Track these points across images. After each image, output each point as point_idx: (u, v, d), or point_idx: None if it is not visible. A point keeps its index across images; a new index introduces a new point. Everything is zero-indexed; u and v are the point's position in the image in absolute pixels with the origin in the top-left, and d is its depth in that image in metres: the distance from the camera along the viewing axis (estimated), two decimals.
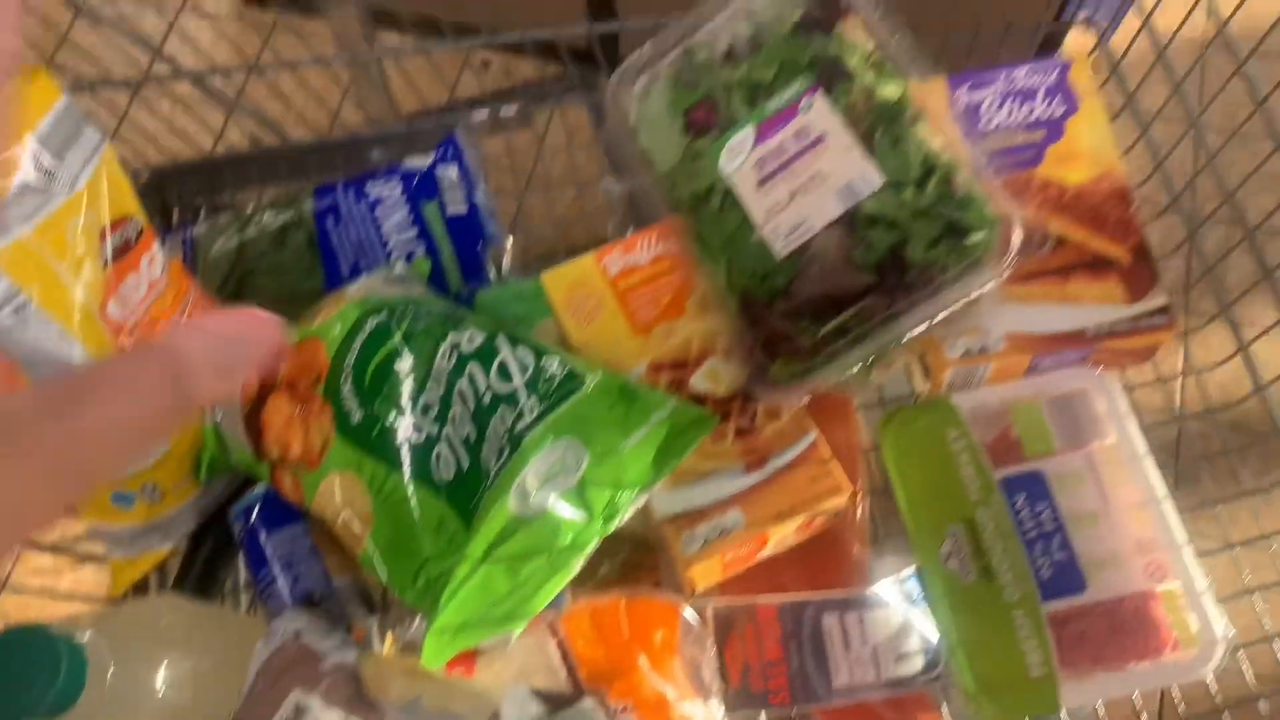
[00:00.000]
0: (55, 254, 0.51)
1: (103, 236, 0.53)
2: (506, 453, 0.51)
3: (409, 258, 0.67)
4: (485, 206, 0.69)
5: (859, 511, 0.61)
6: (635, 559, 0.61)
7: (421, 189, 0.69)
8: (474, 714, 0.47)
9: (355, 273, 0.67)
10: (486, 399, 0.53)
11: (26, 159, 0.50)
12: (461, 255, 0.68)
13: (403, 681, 0.48)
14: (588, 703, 0.49)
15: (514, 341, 0.55)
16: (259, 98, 0.80)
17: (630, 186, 0.67)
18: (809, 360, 0.55)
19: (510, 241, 0.70)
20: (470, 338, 0.55)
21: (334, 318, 0.57)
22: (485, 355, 0.54)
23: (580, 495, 0.51)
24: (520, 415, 0.52)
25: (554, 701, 0.49)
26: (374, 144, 0.77)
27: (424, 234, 0.68)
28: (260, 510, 0.60)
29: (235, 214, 0.71)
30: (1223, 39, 0.60)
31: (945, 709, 0.58)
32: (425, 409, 0.54)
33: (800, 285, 0.56)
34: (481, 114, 0.76)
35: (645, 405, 0.54)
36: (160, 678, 0.49)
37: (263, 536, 0.59)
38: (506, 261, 0.70)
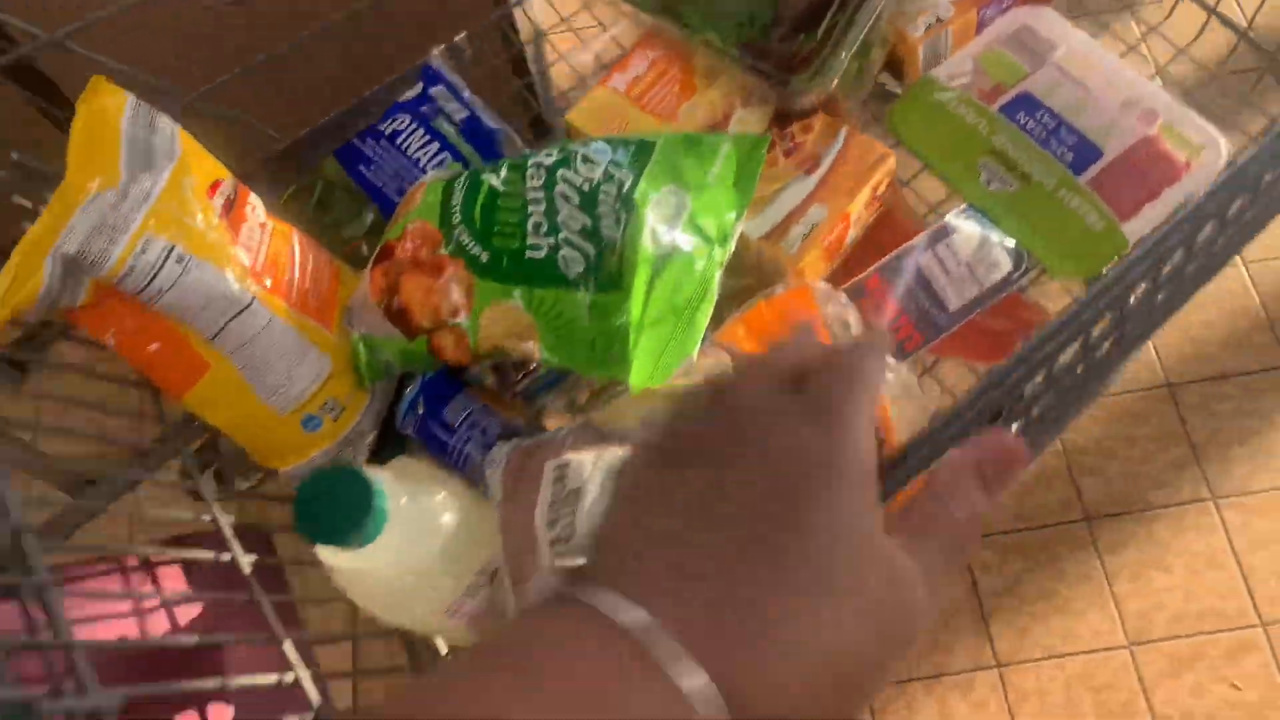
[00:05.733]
0: (184, 212, 0.57)
1: (209, 194, 0.59)
2: (624, 215, 0.59)
3: (442, 167, 0.74)
4: (480, 108, 0.77)
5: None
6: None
7: (426, 111, 0.76)
8: None
9: (402, 194, 0.73)
10: (586, 187, 0.61)
11: (126, 145, 0.57)
12: (482, 153, 0.76)
13: (635, 407, 0.55)
14: None
15: (582, 142, 0.63)
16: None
17: None
18: (819, 59, 0.64)
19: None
20: (547, 154, 0.63)
21: (422, 198, 0.64)
22: (566, 159, 0.62)
23: (695, 226, 0.60)
24: (620, 184, 0.60)
25: None
26: (368, 107, 0.83)
27: (445, 145, 0.75)
28: (424, 399, 0.66)
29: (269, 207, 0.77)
30: None
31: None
32: (536, 227, 0.62)
33: (784, 8, 0.66)
34: (439, 48, 0.83)
35: (711, 144, 0.62)
36: (438, 503, 0.55)
37: (437, 416, 0.65)
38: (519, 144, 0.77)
